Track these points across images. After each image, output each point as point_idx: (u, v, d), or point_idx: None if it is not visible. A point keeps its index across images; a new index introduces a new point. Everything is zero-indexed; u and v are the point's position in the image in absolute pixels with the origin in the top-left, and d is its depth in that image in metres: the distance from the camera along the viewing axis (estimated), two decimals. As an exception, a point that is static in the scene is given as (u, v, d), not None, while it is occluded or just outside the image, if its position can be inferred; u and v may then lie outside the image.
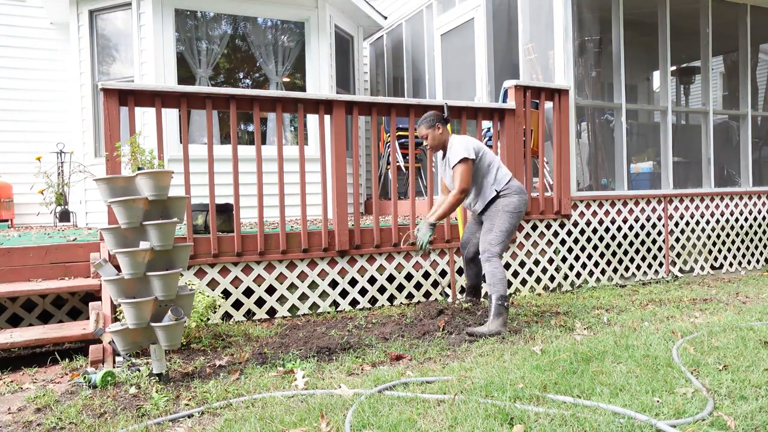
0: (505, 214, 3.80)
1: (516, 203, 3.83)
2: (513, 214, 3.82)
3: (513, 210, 3.82)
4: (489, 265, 3.71)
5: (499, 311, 3.65)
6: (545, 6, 5.76)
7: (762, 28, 6.95)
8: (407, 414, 2.30)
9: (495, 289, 3.67)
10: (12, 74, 7.46)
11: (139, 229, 2.88)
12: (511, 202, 3.83)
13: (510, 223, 3.81)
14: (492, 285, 3.68)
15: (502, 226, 3.78)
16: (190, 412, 2.45)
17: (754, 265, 6.50)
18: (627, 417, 2.19)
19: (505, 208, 3.80)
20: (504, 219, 3.80)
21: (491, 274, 3.69)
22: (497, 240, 3.77)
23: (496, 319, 3.64)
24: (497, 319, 3.64)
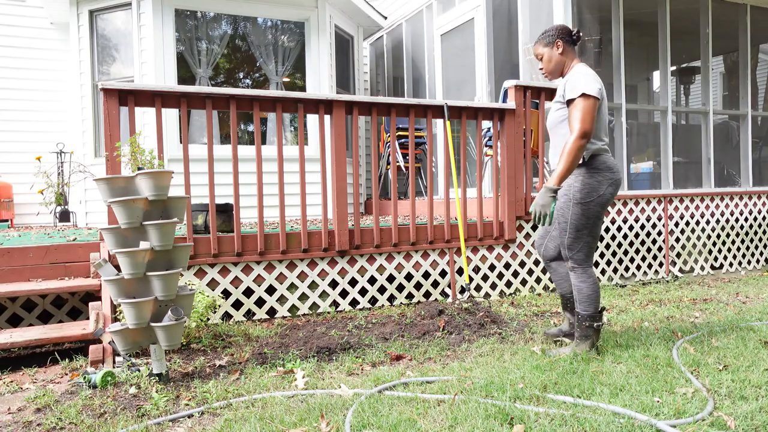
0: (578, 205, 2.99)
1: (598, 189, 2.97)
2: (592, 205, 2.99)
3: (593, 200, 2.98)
4: (573, 277, 3.09)
5: (585, 333, 3.05)
6: (545, 6, 5.76)
7: (762, 28, 6.95)
8: (407, 414, 2.30)
9: (580, 307, 3.07)
10: (12, 74, 7.46)
11: (139, 229, 2.88)
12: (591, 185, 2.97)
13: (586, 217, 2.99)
14: (578, 302, 3.09)
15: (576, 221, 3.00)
16: (190, 412, 2.45)
17: (754, 265, 6.50)
18: (627, 417, 2.19)
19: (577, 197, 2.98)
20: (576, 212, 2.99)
21: (576, 289, 3.08)
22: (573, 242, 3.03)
23: (582, 343, 3.06)
24: (583, 342, 3.05)
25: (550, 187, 2.85)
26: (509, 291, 5.01)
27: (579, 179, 2.98)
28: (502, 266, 4.97)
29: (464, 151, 5.15)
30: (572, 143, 2.85)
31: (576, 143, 2.84)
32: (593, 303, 3.03)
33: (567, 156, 2.84)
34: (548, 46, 3.12)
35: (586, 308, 3.04)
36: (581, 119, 2.86)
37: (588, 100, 2.88)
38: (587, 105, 2.87)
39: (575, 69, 3.04)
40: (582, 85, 2.90)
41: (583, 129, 2.85)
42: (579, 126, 2.86)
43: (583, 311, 3.05)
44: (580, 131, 2.85)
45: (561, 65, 3.11)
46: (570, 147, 2.85)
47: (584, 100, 2.88)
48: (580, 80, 2.92)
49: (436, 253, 4.75)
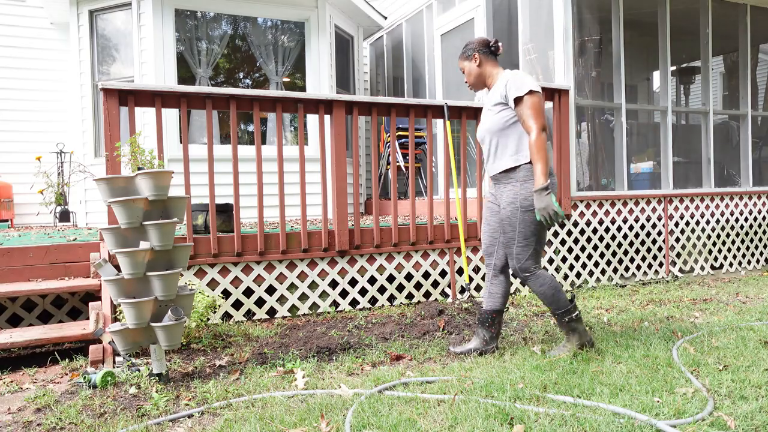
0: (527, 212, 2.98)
1: None
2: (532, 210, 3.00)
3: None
4: (531, 287, 3.08)
5: (570, 328, 3.08)
6: (545, 6, 5.76)
7: (762, 28, 6.95)
8: (407, 414, 2.30)
9: (552, 308, 3.09)
10: (12, 74, 7.46)
11: (139, 229, 2.89)
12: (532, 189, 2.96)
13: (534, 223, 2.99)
14: (548, 305, 3.10)
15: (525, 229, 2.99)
16: (190, 412, 2.46)
17: (754, 265, 6.50)
18: (627, 417, 2.19)
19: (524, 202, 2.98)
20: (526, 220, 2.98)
21: (539, 295, 3.08)
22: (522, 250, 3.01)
23: (572, 337, 3.08)
24: (572, 336, 3.08)
25: (541, 188, 2.86)
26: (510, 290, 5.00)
27: (524, 185, 2.97)
28: (502, 266, 4.97)
29: (464, 151, 5.15)
30: (537, 139, 2.88)
31: (540, 138, 2.88)
32: (561, 299, 3.04)
33: (539, 152, 2.88)
34: (467, 60, 3.15)
35: (557, 307, 3.05)
36: (536, 115, 2.91)
37: (535, 96, 2.92)
38: (537, 100, 2.92)
39: (507, 73, 3.05)
40: (528, 83, 2.93)
41: (541, 123, 2.91)
42: (537, 122, 2.90)
43: (556, 310, 3.06)
44: (539, 126, 2.90)
45: (481, 77, 3.14)
46: (536, 144, 2.88)
47: (533, 97, 2.92)
48: (523, 79, 2.95)
49: (436, 253, 4.75)
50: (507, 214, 3.00)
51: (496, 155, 3.06)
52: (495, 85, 3.09)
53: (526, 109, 2.91)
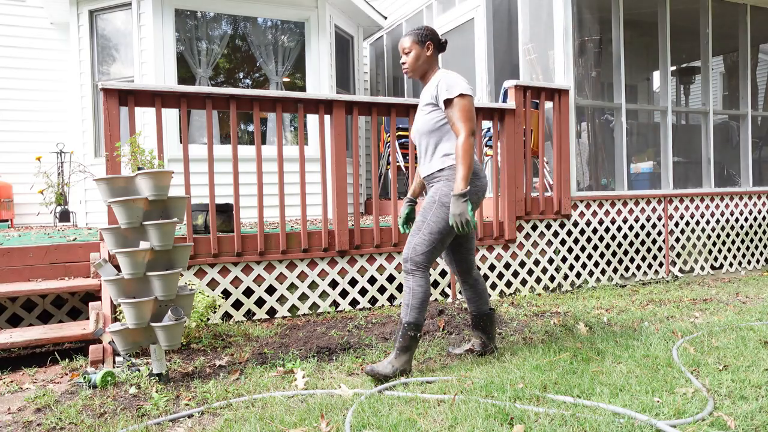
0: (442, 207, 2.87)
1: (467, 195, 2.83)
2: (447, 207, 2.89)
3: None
4: (411, 281, 2.88)
5: (407, 344, 2.86)
6: (545, 6, 5.76)
7: (762, 28, 6.95)
8: (407, 414, 2.31)
9: (410, 314, 2.86)
10: (12, 74, 7.46)
11: (139, 229, 2.89)
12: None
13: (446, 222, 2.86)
14: (409, 307, 2.87)
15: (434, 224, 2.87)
16: (190, 412, 2.46)
17: (754, 265, 6.50)
18: (627, 417, 2.19)
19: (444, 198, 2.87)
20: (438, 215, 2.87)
21: (412, 293, 2.87)
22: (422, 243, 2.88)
23: (401, 356, 2.85)
24: (402, 355, 2.85)
25: (459, 194, 2.75)
26: (509, 291, 5.01)
27: (448, 183, 2.88)
28: (502, 266, 4.97)
29: (464, 151, 5.15)
30: (464, 143, 2.78)
31: (468, 142, 2.78)
32: (423, 311, 2.89)
33: (464, 157, 2.77)
34: (420, 45, 3.00)
35: (416, 316, 2.85)
36: (466, 118, 2.82)
37: (466, 99, 2.84)
38: (468, 104, 2.84)
39: (440, 73, 2.97)
40: (458, 85, 2.85)
41: (471, 127, 2.81)
42: (466, 125, 2.81)
43: (411, 319, 2.84)
44: (468, 129, 2.80)
45: (426, 67, 3.02)
46: (463, 147, 2.78)
47: (463, 100, 2.84)
48: (455, 80, 2.87)
49: (436, 253, 4.74)
50: (424, 206, 2.92)
51: (427, 157, 2.99)
52: (429, 82, 3.00)
53: (455, 112, 2.83)
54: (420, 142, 3.02)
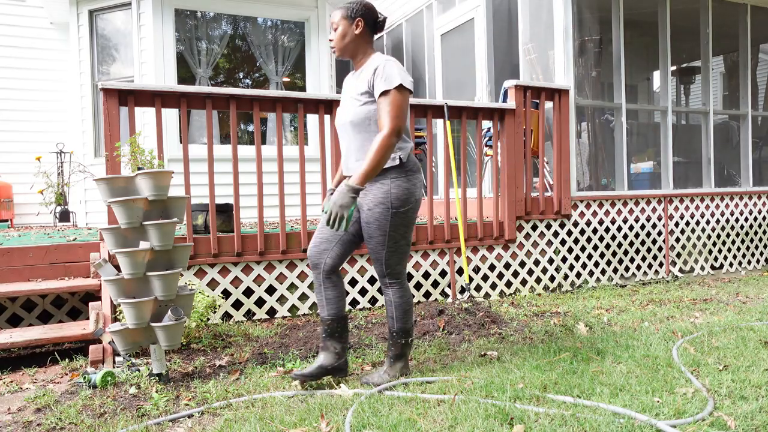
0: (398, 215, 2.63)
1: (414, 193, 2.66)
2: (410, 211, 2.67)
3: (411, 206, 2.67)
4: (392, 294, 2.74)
5: (399, 352, 2.79)
6: (545, 6, 5.76)
7: (762, 28, 6.95)
8: (407, 414, 2.30)
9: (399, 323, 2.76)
10: (12, 74, 7.46)
11: (139, 229, 2.88)
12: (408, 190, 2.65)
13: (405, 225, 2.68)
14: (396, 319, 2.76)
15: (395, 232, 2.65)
16: (190, 412, 2.45)
17: (755, 265, 6.50)
18: (627, 417, 2.19)
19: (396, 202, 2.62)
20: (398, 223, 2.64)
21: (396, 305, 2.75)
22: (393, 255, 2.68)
23: (396, 363, 2.79)
24: (397, 362, 2.79)
25: (353, 186, 2.45)
26: (509, 291, 5.01)
27: (396, 183, 2.60)
28: (502, 266, 4.97)
29: (464, 151, 5.16)
30: (385, 140, 2.48)
31: (389, 140, 2.48)
32: (411, 318, 2.76)
33: (377, 154, 2.46)
34: (348, 20, 2.66)
35: (405, 323, 2.74)
36: (396, 115, 2.51)
37: (403, 93, 2.54)
38: (403, 99, 2.53)
39: (378, 58, 2.63)
40: (399, 76, 2.53)
41: (398, 126, 2.50)
42: (394, 122, 2.50)
43: (402, 326, 2.74)
44: (394, 128, 2.50)
45: (355, 47, 2.68)
46: (382, 144, 2.47)
47: (399, 93, 2.52)
48: (394, 70, 2.55)
49: (436, 253, 4.75)
50: (375, 216, 2.61)
51: (359, 153, 2.66)
52: (364, 67, 2.67)
53: (386, 105, 2.51)
54: (349, 135, 2.68)
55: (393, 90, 2.52)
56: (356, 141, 2.65)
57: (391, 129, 2.49)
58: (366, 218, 2.64)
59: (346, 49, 2.70)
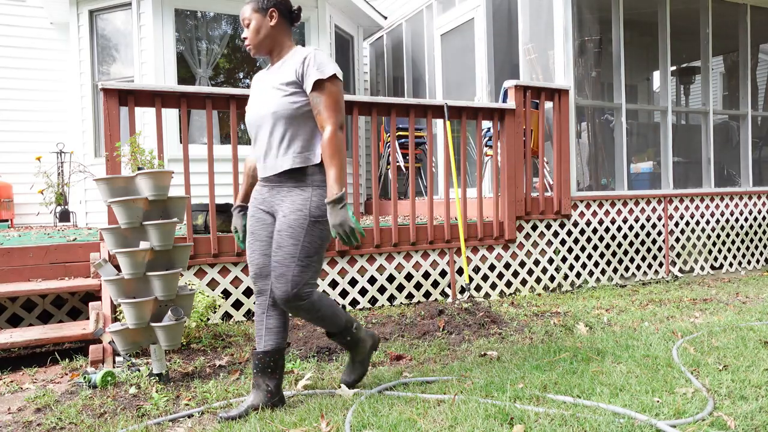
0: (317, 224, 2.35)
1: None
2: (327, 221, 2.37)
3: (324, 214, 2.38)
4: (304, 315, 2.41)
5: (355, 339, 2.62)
6: (545, 6, 5.76)
7: (762, 28, 6.95)
8: (407, 414, 2.31)
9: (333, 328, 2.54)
10: (12, 74, 7.46)
11: (139, 229, 2.88)
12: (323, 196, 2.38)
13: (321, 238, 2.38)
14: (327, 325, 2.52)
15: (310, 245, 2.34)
16: (190, 412, 2.45)
17: (754, 265, 6.50)
18: (627, 417, 2.19)
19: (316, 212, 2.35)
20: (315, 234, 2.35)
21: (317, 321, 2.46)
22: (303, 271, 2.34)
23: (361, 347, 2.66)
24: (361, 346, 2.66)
25: (335, 199, 2.24)
26: (509, 291, 5.01)
27: (316, 192, 2.35)
28: (502, 266, 4.98)
29: (464, 151, 5.16)
30: (333, 137, 2.28)
31: (338, 137, 2.29)
32: (340, 314, 2.52)
33: (335, 154, 2.27)
34: (260, 13, 2.41)
35: (339, 325, 2.53)
36: (337, 108, 2.32)
37: (339, 84, 2.34)
38: (339, 90, 2.34)
39: (303, 49, 2.40)
40: (332, 66, 2.33)
41: (341, 120, 2.32)
42: (337, 116, 2.31)
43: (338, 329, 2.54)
44: (338, 122, 2.31)
45: (272, 41, 2.43)
46: (333, 143, 2.27)
47: (335, 85, 2.33)
48: (325, 59, 2.34)
49: (436, 253, 4.75)
50: (289, 223, 2.32)
51: (279, 150, 2.37)
52: (287, 58, 2.42)
53: (325, 98, 2.30)
54: (266, 130, 2.39)
55: (327, 81, 2.31)
56: (279, 134, 2.36)
57: (335, 124, 2.31)
58: (279, 226, 2.35)
59: (262, 45, 2.44)
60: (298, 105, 2.34)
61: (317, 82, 2.30)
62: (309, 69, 2.31)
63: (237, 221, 2.62)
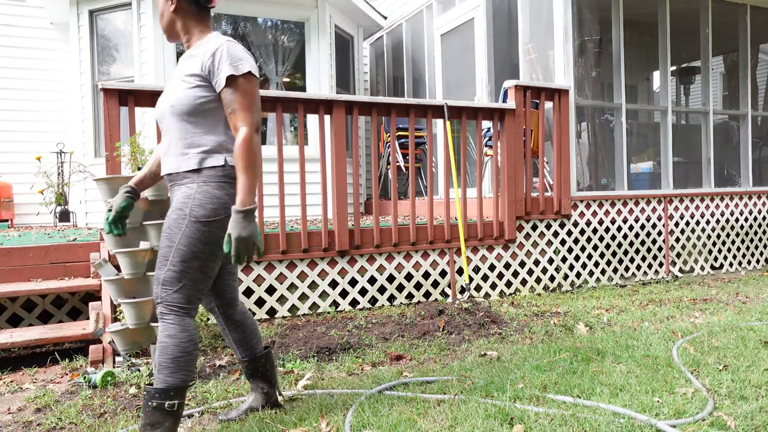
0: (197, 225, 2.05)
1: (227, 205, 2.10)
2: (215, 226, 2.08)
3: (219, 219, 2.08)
4: (161, 327, 2.06)
5: (154, 420, 1.99)
6: (545, 6, 5.76)
7: (762, 28, 6.95)
8: (407, 414, 2.31)
9: (159, 375, 2.02)
10: (12, 74, 7.46)
11: (139, 229, 2.88)
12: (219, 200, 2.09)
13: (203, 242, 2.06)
14: (158, 367, 2.03)
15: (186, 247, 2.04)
16: (190, 412, 2.45)
17: (754, 265, 6.50)
18: (627, 417, 2.19)
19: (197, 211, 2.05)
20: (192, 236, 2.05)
21: (161, 347, 2.03)
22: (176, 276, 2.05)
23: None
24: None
25: (244, 210, 1.98)
26: (509, 291, 5.01)
27: (204, 189, 2.07)
28: (502, 266, 4.97)
29: (464, 151, 5.16)
30: (249, 141, 2.01)
31: (254, 140, 2.03)
32: (181, 371, 2.02)
33: (249, 160, 2.00)
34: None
35: (166, 378, 2.00)
36: (251, 108, 2.06)
37: (254, 82, 2.09)
38: (255, 89, 2.09)
39: (217, 39, 2.12)
40: (247, 61, 2.08)
41: (257, 120, 2.07)
42: (253, 116, 2.05)
43: (160, 383, 2.00)
44: (253, 123, 2.05)
45: (174, 27, 2.22)
46: (248, 147, 2.00)
47: (250, 82, 2.07)
48: (240, 52, 2.09)
49: (436, 253, 4.75)
50: (169, 223, 2.07)
51: (177, 147, 2.12)
52: (197, 47, 2.16)
53: (238, 97, 2.04)
54: (168, 123, 2.15)
55: (242, 78, 2.05)
56: (177, 131, 2.12)
57: (251, 125, 2.04)
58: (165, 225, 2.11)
59: (168, 31, 2.24)
60: (202, 100, 2.09)
61: (230, 78, 2.05)
62: (221, 63, 2.06)
63: (116, 199, 2.30)
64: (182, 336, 2.03)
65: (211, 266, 2.10)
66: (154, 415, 1.98)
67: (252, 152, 2.01)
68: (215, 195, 2.07)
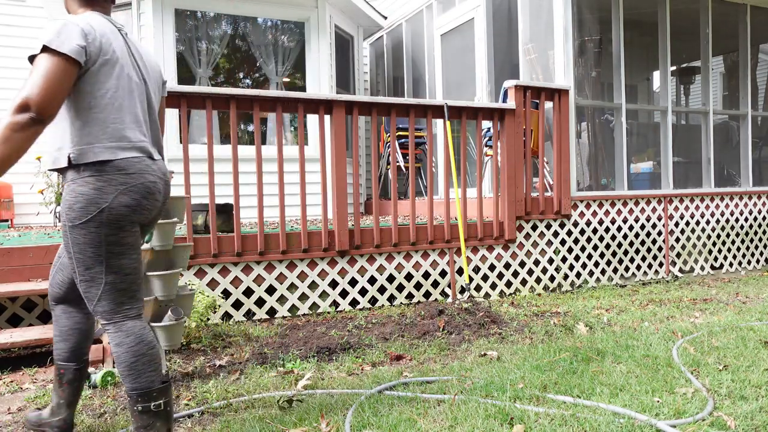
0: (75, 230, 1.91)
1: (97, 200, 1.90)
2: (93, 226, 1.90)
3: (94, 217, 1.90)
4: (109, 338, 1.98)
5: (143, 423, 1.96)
6: (545, 6, 5.76)
7: (762, 28, 6.95)
8: (407, 414, 2.31)
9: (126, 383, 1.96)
10: (12, 74, 7.46)
11: (139, 229, 2.88)
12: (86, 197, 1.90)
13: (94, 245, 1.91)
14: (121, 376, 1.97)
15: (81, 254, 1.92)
16: (190, 412, 2.45)
17: (754, 265, 6.50)
18: (627, 417, 2.19)
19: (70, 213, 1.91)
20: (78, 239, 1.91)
21: (114, 357, 1.97)
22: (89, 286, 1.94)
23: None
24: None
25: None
26: (509, 291, 5.01)
27: (71, 188, 1.91)
28: (502, 266, 4.98)
29: (464, 151, 5.16)
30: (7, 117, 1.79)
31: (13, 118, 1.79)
32: (143, 374, 1.94)
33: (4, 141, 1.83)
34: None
35: (132, 383, 1.93)
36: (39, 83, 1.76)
37: (54, 59, 1.78)
38: (52, 67, 1.78)
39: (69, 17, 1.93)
40: (49, 33, 1.80)
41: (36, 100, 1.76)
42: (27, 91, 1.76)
43: (130, 389, 1.94)
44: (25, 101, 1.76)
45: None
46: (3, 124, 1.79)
47: (48, 59, 1.78)
48: (51, 27, 1.81)
49: (436, 253, 4.75)
50: (62, 231, 1.95)
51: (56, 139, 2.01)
52: None
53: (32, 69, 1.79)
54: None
55: (39, 54, 1.80)
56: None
57: (20, 101, 1.75)
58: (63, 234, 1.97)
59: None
60: None
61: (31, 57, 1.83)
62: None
63: None
64: (129, 341, 1.94)
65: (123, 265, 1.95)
66: (143, 419, 1.95)
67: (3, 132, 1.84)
68: (81, 192, 1.91)
